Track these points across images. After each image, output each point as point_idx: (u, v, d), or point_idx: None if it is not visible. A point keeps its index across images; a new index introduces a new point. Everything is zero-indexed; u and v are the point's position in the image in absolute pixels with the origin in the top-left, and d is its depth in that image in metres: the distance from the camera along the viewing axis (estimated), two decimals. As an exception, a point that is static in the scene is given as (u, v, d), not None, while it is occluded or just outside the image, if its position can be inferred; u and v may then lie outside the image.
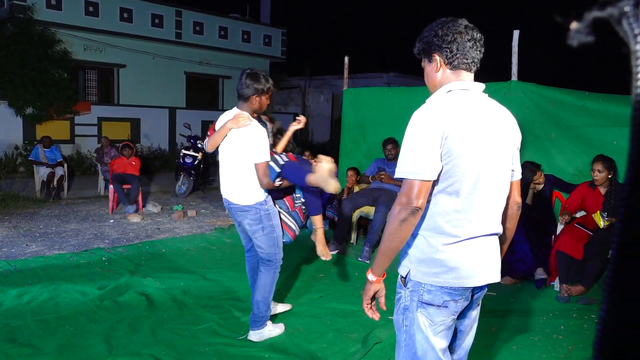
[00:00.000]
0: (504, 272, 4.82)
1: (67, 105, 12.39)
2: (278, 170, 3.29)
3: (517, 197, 1.98)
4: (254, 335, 3.42)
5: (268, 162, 3.19)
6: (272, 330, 3.49)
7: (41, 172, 8.93)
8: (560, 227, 4.80)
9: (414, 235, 1.81)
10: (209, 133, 3.35)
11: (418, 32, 1.91)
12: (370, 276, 1.82)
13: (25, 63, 11.52)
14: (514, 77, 5.33)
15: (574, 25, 0.47)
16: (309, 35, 28.83)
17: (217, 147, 3.32)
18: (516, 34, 5.21)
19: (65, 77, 12.34)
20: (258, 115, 3.41)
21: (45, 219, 7.17)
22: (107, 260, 5.17)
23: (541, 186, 5.01)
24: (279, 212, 3.44)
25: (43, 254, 5.38)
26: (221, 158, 3.35)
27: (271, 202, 3.36)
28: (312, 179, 3.10)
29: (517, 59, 5.27)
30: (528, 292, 4.60)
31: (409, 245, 1.82)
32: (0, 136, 12.04)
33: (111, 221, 7.13)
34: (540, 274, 4.71)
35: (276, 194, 3.43)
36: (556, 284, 4.63)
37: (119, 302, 3.98)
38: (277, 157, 3.39)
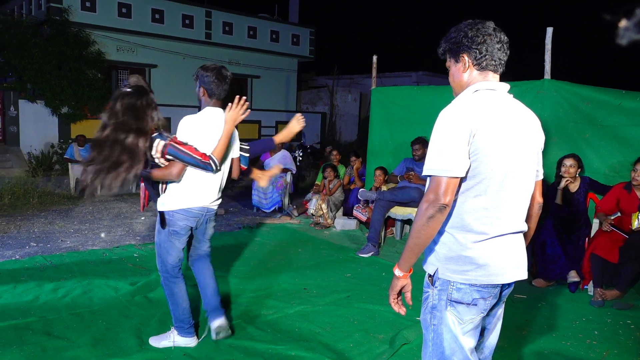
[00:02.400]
0: (536, 274, 4.73)
1: (101, 104, 12.70)
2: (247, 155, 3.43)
3: (538, 197, 2.01)
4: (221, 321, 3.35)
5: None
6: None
7: (75, 170, 9.19)
8: (594, 230, 4.67)
9: (442, 233, 1.83)
10: (187, 150, 2.90)
11: (447, 30, 1.93)
12: (397, 272, 1.85)
13: (61, 64, 11.85)
14: (547, 76, 5.20)
15: (623, 23, 0.46)
16: (337, 35, 28.83)
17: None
18: (549, 31, 5.08)
19: (99, 77, 12.67)
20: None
21: (79, 215, 7.36)
22: (138, 257, 5.28)
23: (573, 184, 4.85)
24: None
25: (77, 249, 5.53)
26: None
27: None
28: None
29: (550, 57, 5.15)
30: (560, 295, 4.49)
31: (435, 242, 1.85)
32: (38, 135, 12.43)
33: (142, 218, 7.28)
34: (572, 277, 4.59)
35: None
36: (590, 287, 4.51)
37: (149, 297, 4.06)
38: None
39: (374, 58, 7.03)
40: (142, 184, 3.34)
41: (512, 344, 3.42)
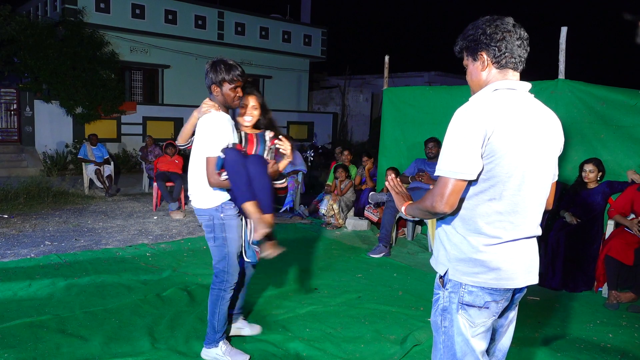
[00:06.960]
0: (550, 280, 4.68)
1: (114, 105, 12.82)
2: (223, 156, 2.76)
3: (549, 202, 1.94)
4: (203, 352, 3.12)
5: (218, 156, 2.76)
6: (221, 357, 3.06)
7: (89, 170, 9.29)
8: (609, 232, 4.61)
9: (454, 235, 1.81)
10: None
11: (459, 30, 1.88)
12: (403, 208, 2.00)
13: (76, 64, 11.98)
14: (561, 75, 5.15)
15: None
16: (349, 35, 28.79)
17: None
18: (564, 30, 5.03)
19: (112, 78, 12.78)
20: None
21: (93, 214, 7.44)
22: (150, 256, 5.32)
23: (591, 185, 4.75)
24: (245, 226, 3.02)
25: (91, 248, 5.58)
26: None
27: (232, 212, 2.90)
28: (248, 206, 2.71)
29: (564, 57, 5.09)
30: (574, 298, 4.44)
31: (447, 243, 1.83)
32: (52, 135, 12.57)
33: (155, 218, 7.33)
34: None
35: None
36: (604, 290, 4.45)
37: (161, 296, 4.09)
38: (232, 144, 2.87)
39: (386, 58, 7.01)
40: (155, 184, 3.37)
41: (524, 346, 3.38)
